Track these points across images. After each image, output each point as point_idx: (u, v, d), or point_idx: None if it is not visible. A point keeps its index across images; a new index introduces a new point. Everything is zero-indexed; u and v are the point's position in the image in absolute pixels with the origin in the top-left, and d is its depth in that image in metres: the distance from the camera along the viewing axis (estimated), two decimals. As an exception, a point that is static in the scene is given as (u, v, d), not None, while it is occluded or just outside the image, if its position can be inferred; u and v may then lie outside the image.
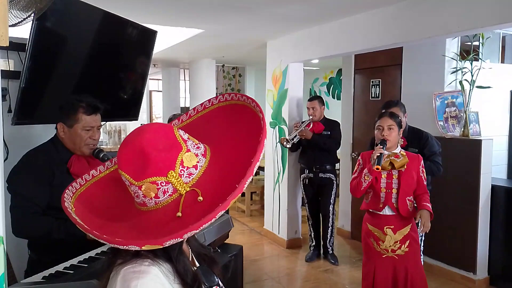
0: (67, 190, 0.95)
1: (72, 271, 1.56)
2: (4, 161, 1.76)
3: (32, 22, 1.98)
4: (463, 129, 3.76)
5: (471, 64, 3.72)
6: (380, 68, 4.67)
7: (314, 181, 4.27)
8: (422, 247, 3.01)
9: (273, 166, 5.04)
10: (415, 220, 2.54)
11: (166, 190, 0.83)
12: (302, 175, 4.40)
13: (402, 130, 2.72)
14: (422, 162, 2.67)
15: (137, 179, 0.83)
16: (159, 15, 3.73)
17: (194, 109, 1.04)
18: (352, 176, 2.74)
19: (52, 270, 1.57)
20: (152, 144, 0.83)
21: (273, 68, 4.99)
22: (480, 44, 3.76)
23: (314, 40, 4.25)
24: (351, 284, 3.82)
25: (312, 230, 4.44)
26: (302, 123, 4.24)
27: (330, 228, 4.28)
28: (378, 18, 3.44)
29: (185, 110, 8.69)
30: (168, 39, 5.06)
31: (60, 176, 1.84)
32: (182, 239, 0.77)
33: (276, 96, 4.95)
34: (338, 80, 8.04)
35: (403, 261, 2.59)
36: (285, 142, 4.18)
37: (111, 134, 7.99)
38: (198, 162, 0.87)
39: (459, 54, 3.88)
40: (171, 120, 1.56)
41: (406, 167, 2.56)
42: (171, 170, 0.83)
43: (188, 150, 0.86)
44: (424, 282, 2.63)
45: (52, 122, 1.98)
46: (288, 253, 4.66)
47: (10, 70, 2.36)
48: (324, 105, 4.31)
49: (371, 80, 4.78)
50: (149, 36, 3.10)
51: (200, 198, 0.82)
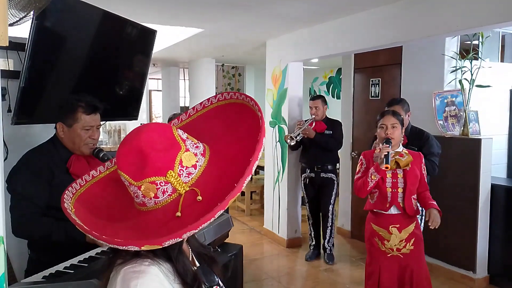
0: (66, 191, 0.95)
1: (72, 271, 1.56)
2: (4, 161, 1.75)
3: (31, 21, 1.98)
4: (462, 128, 3.76)
5: (471, 63, 3.72)
6: (379, 67, 4.67)
7: (315, 180, 4.26)
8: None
9: (273, 165, 5.04)
10: (426, 219, 2.51)
11: (166, 190, 0.83)
12: (303, 175, 4.39)
13: (404, 128, 2.71)
14: (423, 159, 2.66)
15: (136, 179, 0.83)
16: (158, 15, 3.73)
17: (193, 108, 1.04)
18: (356, 176, 2.70)
19: (52, 269, 1.58)
20: (150, 144, 0.83)
21: (272, 68, 4.99)
22: (480, 43, 3.76)
23: (313, 39, 4.24)
24: (351, 283, 3.82)
25: (312, 230, 4.43)
26: (305, 122, 4.23)
27: (329, 228, 4.28)
28: (378, 17, 3.44)
29: (184, 109, 8.70)
30: (167, 38, 5.06)
31: (59, 176, 1.84)
32: (181, 239, 0.77)
33: (275, 96, 4.95)
34: (338, 79, 8.04)
35: (408, 259, 2.57)
36: (288, 140, 4.16)
37: (111, 133, 7.98)
38: (197, 161, 0.86)
39: (458, 53, 3.88)
40: (171, 119, 1.55)
41: (410, 165, 2.55)
42: (170, 170, 0.83)
43: (187, 150, 0.86)
44: (429, 280, 2.61)
45: (52, 122, 1.98)
46: (288, 252, 4.66)
47: (10, 69, 2.36)
48: (327, 104, 4.30)
49: (371, 79, 4.78)
50: (148, 35, 3.10)
51: (199, 197, 0.82)
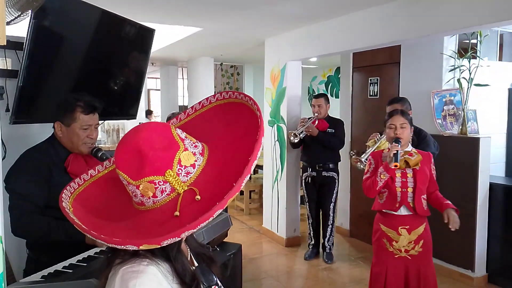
0: (65, 190, 0.95)
1: (71, 270, 1.56)
2: (2, 160, 1.75)
3: (29, 20, 1.98)
4: (461, 127, 3.76)
5: (469, 62, 3.72)
6: (378, 66, 4.67)
7: (316, 179, 4.25)
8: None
9: (271, 164, 5.04)
10: (444, 221, 2.44)
11: (164, 189, 0.83)
12: (304, 174, 4.36)
13: (412, 128, 2.68)
14: (433, 159, 2.63)
15: (134, 179, 0.83)
16: (157, 14, 3.72)
17: (192, 107, 1.04)
18: (364, 176, 2.68)
19: (51, 269, 1.57)
20: (149, 143, 0.83)
21: (271, 67, 4.98)
22: (478, 42, 3.76)
23: (312, 38, 4.24)
24: (350, 282, 3.83)
25: (311, 229, 4.43)
26: (308, 119, 4.19)
27: (330, 227, 4.28)
28: (376, 16, 3.44)
29: (183, 108, 8.70)
30: (166, 37, 5.05)
31: (57, 175, 1.83)
32: (180, 239, 0.77)
33: (274, 95, 4.95)
34: (337, 78, 8.04)
35: (416, 261, 2.53)
36: (292, 137, 4.12)
37: (109, 132, 7.96)
38: (195, 160, 0.86)
39: (457, 52, 3.88)
40: (169, 119, 1.55)
41: (420, 165, 2.53)
42: (169, 169, 0.83)
43: (186, 149, 0.86)
44: (435, 282, 2.58)
45: (50, 121, 1.97)
46: (287, 251, 4.66)
47: (8, 69, 2.35)
48: (329, 103, 4.29)
49: (370, 78, 4.78)
50: (147, 34, 3.10)
51: (198, 197, 0.82)
